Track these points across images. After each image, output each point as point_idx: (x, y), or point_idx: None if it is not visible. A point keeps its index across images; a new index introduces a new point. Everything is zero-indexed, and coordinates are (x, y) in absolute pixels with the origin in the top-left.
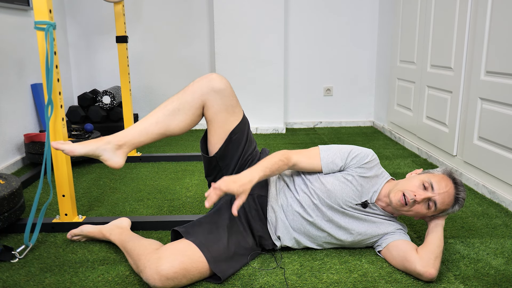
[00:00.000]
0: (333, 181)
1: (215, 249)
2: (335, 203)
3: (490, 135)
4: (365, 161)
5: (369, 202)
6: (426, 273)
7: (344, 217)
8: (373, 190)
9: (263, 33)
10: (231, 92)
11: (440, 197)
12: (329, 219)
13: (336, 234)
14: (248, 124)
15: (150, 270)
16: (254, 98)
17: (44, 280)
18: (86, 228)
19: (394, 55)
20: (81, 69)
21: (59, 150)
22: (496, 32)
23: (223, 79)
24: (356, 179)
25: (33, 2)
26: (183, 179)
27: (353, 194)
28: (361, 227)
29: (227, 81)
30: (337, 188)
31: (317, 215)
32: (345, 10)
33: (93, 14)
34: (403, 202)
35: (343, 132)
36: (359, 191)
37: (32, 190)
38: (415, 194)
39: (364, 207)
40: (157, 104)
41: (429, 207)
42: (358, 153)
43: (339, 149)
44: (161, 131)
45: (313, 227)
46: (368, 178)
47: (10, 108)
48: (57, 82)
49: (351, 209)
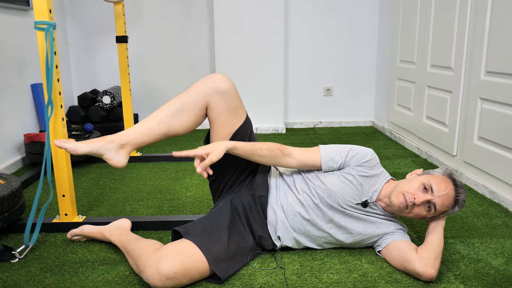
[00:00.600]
0: (333, 181)
1: (215, 249)
2: (336, 202)
3: (490, 135)
4: (365, 159)
5: (369, 201)
6: (426, 273)
7: (344, 217)
8: (373, 190)
9: (263, 33)
10: (235, 93)
11: (439, 200)
12: (330, 219)
13: (336, 234)
14: (251, 125)
15: (151, 270)
16: (254, 98)
17: (44, 280)
18: (86, 228)
19: (394, 55)
20: (81, 69)
21: (62, 148)
22: (496, 32)
23: (227, 80)
24: (356, 178)
25: (33, 2)
26: (183, 179)
27: (353, 194)
28: (361, 227)
29: (231, 82)
30: (338, 188)
31: (317, 215)
32: (345, 10)
33: (93, 14)
34: (405, 205)
35: (343, 132)
36: (359, 191)
37: (32, 190)
38: (415, 197)
39: (364, 207)
40: (157, 104)
41: (429, 209)
42: (357, 152)
43: (338, 148)
44: (164, 131)
45: (314, 227)
46: (368, 177)
47: (10, 108)
48: (57, 82)
49: (351, 208)
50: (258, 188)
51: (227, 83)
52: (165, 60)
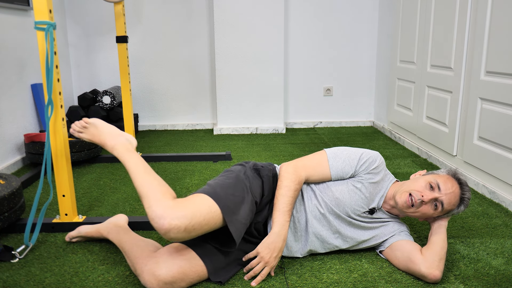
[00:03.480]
0: (341, 189)
1: (215, 258)
2: (343, 212)
3: (490, 135)
4: (374, 166)
5: (376, 209)
6: (431, 275)
7: (350, 227)
8: (380, 195)
9: (263, 33)
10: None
11: (447, 197)
12: (336, 230)
13: (341, 245)
14: (239, 185)
15: (148, 275)
16: (254, 98)
17: (44, 280)
18: (83, 229)
19: (394, 55)
20: (81, 69)
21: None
22: (496, 32)
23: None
24: (365, 186)
25: (33, 2)
26: (183, 179)
27: (361, 202)
28: (365, 235)
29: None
30: (346, 197)
31: (323, 225)
32: (345, 10)
33: (93, 14)
34: (409, 203)
35: (343, 132)
36: (367, 199)
37: (32, 190)
38: (423, 195)
39: (371, 214)
40: (157, 104)
41: (436, 207)
42: (367, 159)
43: (347, 156)
44: None
45: (318, 241)
46: (376, 183)
47: (10, 108)
48: (57, 82)
49: (358, 217)
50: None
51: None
52: (165, 60)
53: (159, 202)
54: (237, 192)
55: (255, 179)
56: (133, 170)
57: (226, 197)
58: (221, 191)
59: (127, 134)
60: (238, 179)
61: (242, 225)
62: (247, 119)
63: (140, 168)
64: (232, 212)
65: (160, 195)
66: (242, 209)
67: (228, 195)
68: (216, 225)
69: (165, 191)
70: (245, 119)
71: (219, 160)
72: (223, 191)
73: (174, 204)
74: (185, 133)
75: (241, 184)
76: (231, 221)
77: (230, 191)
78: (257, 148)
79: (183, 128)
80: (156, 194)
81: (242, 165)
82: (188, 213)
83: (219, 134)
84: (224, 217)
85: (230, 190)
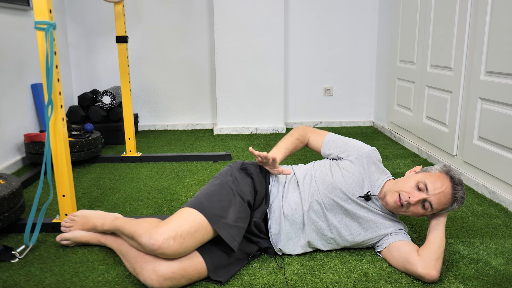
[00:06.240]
0: (336, 174)
1: (216, 256)
2: (338, 196)
3: (490, 135)
4: (365, 151)
5: (371, 194)
6: (428, 275)
7: (345, 216)
8: (376, 184)
9: (263, 33)
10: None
11: (435, 198)
12: (333, 224)
13: (337, 237)
14: (224, 190)
15: (148, 271)
16: (254, 98)
17: (44, 280)
18: (78, 233)
19: (394, 55)
20: (81, 69)
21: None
22: (496, 32)
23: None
24: (352, 163)
25: (33, 2)
26: (183, 179)
27: (353, 183)
28: (361, 226)
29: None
30: (340, 180)
31: (319, 216)
32: (345, 10)
33: (93, 14)
34: (399, 204)
35: (343, 132)
36: (357, 180)
37: (32, 190)
38: (409, 196)
39: (367, 200)
40: (157, 104)
41: (424, 208)
42: (359, 146)
43: (343, 142)
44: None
45: (318, 236)
46: (369, 171)
47: (10, 108)
48: (57, 82)
49: (353, 203)
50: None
51: (172, 248)
52: (165, 60)
53: (146, 229)
54: (222, 197)
55: (243, 179)
56: (122, 224)
57: (211, 204)
58: (205, 200)
59: (114, 213)
60: (221, 185)
61: (234, 227)
62: (247, 119)
63: (129, 219)
64: (219, 217)
65: (147, 224)
66: (230, 212)
67: (213, 202)
68: (208, 233)
69: (151, 221)
70: (245, 119)
71: (219, 160)
72: (207, 199)
73: (159, 225)
74: (185, 133)
75: (226, 188)
76: (219, 227)
77: (215, 198)
78: (257, 148)
79: (183, 128)
80: (143, 224)
81: (230, 166)
82: (172, 225)
83: (219, 134)
84: (211, 224)
85: (215, 197)
